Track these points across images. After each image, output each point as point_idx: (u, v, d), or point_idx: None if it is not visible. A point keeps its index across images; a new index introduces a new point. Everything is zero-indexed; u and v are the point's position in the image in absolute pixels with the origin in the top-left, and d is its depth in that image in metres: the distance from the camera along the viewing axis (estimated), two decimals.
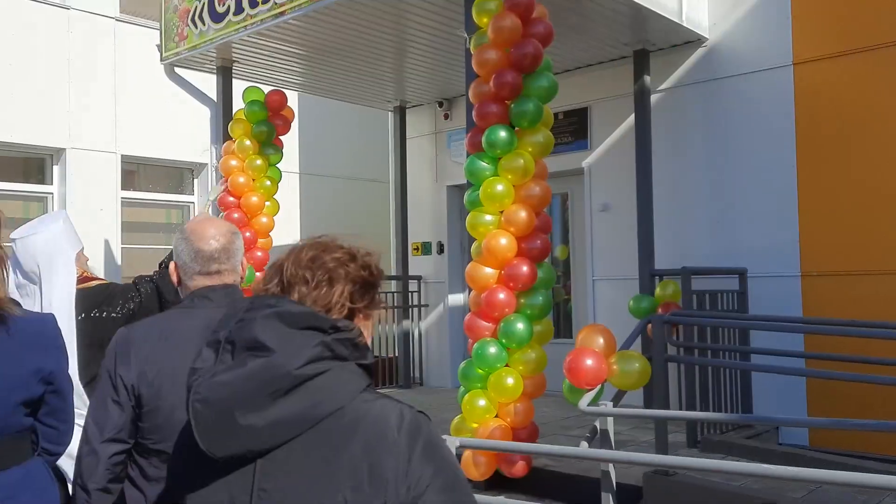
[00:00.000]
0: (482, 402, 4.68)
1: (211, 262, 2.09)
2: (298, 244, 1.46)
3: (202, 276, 2.09)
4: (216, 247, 2.10)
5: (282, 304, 1.35)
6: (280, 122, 6.88)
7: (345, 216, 11.65)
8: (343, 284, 1.38)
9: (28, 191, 9.37)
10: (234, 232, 2.18)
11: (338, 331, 1.33)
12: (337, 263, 1.39)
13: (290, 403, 1.28)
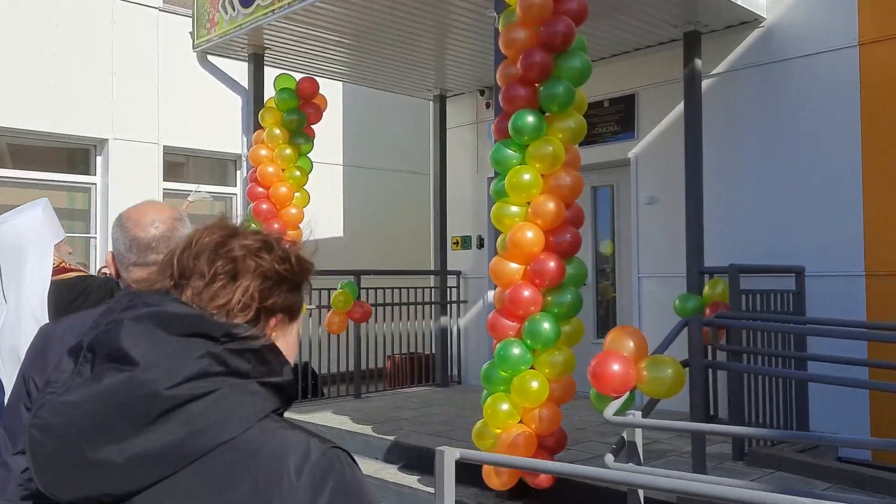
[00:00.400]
0: (505, 406, 4.38)
1: (148, 251, 1.85)
2: (202, 226, 1.16)
3: (139, 268, 1.85)
4: (154, 234, 1.86)
5: (164, 302, 1.06)
6: (311, 110, 6.68)
7: (387, 209, 11.46)
8: (250, 279, 1.07)
9: (73, 181, 9.44)
10: (176, 218, 1.94)
11: (234, 339, 1.03)
12: (246, 253, 1.09)
13: (159, 433, 0.98)
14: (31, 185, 9.16)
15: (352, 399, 7.53)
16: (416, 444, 5.58)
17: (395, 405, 7.18)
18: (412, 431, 5.99)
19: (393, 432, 5.93)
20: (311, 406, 7.10)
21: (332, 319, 7.10)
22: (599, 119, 7.54)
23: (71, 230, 9.47)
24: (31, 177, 9.15)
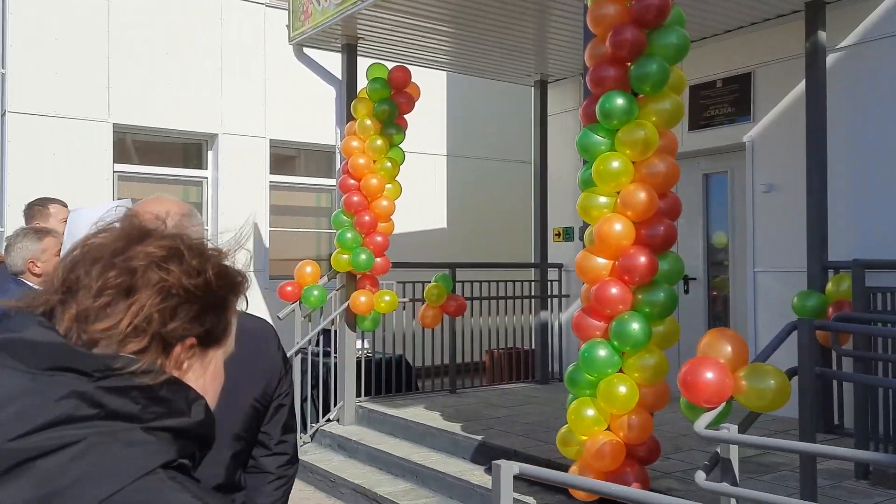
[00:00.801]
0: (591, 412, 4.07)
1: None
2: (105, 226, 0.95)
3: None
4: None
5: (25, 327, 0.86)
6: (403, 99, 6.55)
7: (490, 199, 11.24)
8: (148, 297, 0.87)
9: (186, 175, 9.79)
10: (185, 214, 1.80)
11: (111, 374, 0.83)
12: (148, 262, 0.88)
13: (6, 494, 0.80)
14: (151, 179, 9.57)
15: (447, 394, 7.38)
16: (504, 445, 5.34)
17: (489, 402, 6.97)
18: (502, 431, 5.76)
19: (482, 432, 5.73)
20: (404, 400, 7.01)
21: (426, 313, 6.97)
22: (712, 101, 6.99)
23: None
24: (151, 172, 9.57)
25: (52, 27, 8.45)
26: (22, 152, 8.30)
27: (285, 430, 1.88)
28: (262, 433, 1.85)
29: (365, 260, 6.34)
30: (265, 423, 1.85)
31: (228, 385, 1.76)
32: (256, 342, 1.81)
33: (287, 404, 1.88)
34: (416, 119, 10.54)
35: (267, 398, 1.81)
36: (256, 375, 1.78)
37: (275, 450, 1.87)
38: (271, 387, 1.81)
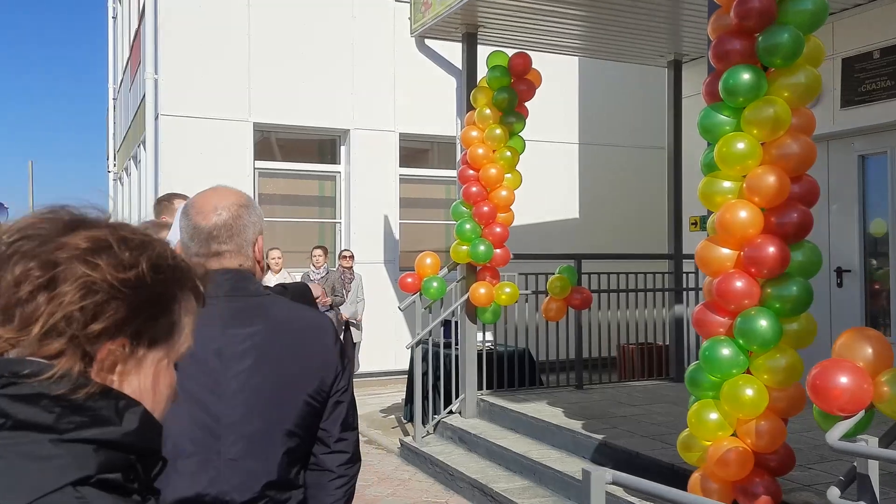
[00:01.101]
0: (713, 415, 3.75)
1: (210, 241, 1.70)
2: (33, 213, 0.85)
3: (201, 259, 1.71)
4: (216, 222, 1.70)
5: None
6: (524, 87, 6.38)
7: (624, 188, 10.81)
8: (68, 293, 0.77)
9: (320, 171, 10.12)
10: (242, 205, 1.75)
11: (18, 380, 0.75)
12: (72, 254, 0.79)
13: None
14: (289, 175, 9.98)
15: (572, 390, 7.15)
16: (627, 446, 5.08)
17: (616, 400, 6.68)
18: (626, 431, 5.48)
19: (605, 431, 5.48)
20: (527, 395, 6.86)
21: (549, 306, 6.77)
22: (868, 74, 6.31)
23: (321, 216, 10.19)
24: (288, 167, 9.97)
25: (198, 34, 8.97)
26: (173, 152, 8.88)
27: (344, 428, 1.81)
28: (322, 430, 1.79)
29: (484, 251, 6.24)
30: (324, 419, 1.78)
31: (278, 380, 1.71)
32: (310, 336, 1.75)
33: (345, 401, 1.80)
34: (546, 107, 10.33)
35: (323, 394, 1.74)
36: (310, 370, 1.72)
37: (334, 447, 1.80)
38: (327, 382, 1.74)
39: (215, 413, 1.62)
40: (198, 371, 1.62)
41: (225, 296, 1.68)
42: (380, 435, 7.42)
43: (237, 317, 1.67)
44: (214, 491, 1.61)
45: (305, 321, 1.78)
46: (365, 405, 8.82)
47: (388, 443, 7.07)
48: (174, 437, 1.60)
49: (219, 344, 1.64)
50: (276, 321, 1.71)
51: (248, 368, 1.65)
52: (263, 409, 1.65)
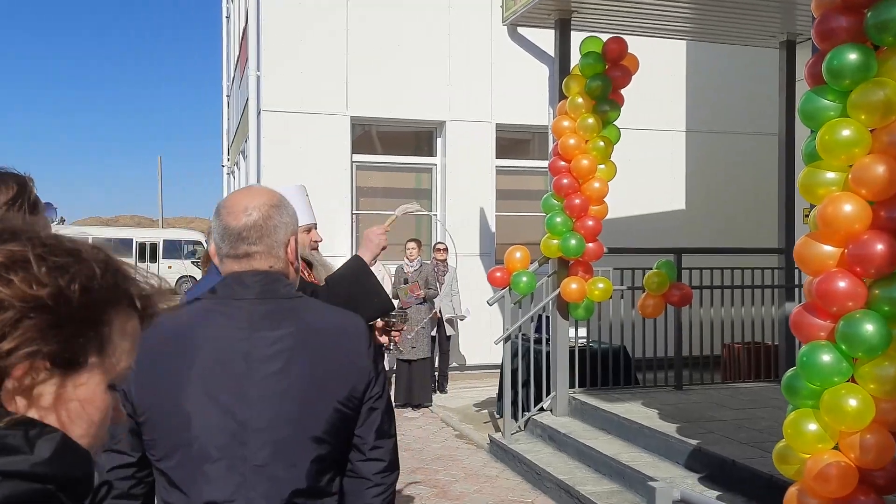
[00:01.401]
0: (812, 426, 3.45)
1: (239, 241, 1.67)
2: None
3: (231, 260, 1.69)
4: (246, 223, 1.67)
5: None
6: (619, 73, 6.11)
7: (733, 177, 10.26)
8: None
9: (417, 163, 10.14)
10: (274, 205, 1.71)
11: None
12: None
13: None
14: (386, 167, 10.06)
15: (671, 390, 6.84)
16: (721, 453, 4.79)
17: (717, 402, 6.33)
18: (723, 437, 5.17)
19: (701, 436, 5.19)
20: (622, 394, 6.61)
21: (646, 302, 6.49)
22: None
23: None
24: (385, 161, 10.05)
25: (298, 30, 9.17)
26: (274, 146, 9.13)
27: (380, 436, 1.74)
28: (356, 437, 1.73)
29: (575, 245, 6.05)
30: (358, 426, 1.72)
31: (307, 385, 1.66)
32: (342, 340, 1.69)
33: (380, 408, 1.73)
34: (651, 94, 9.94)
35: (355, 401, 1.68)
36: (341, 376, 1.66)
37: (369, 455, 1.74)
38: (359, 389, 1.68)
39: (241, 418, 1.59)
40: (224, 375, 1.59)
41: (254, 298, 1.65)
42: (471, 430, 7.36)
43: (266, 319, 1.63)
44: (241, 497, 1.58)
45: (338, 325, 1.72)
46: (459, 398, 8.81)
47: (478, 438, 7.00)
48: (200, 441, 1.57)
49: (246, 347, 1.61)
50: (306, 324, 1.66)
51: (276, 373, 1.60)
52: (291, 416, 1.60)
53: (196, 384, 1.58)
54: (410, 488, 5.62)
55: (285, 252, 1.72)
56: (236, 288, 1.66)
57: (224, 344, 1.61)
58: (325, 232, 9.83)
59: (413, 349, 8.14)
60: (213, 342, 1.60)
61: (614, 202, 9.63)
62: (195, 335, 1.61)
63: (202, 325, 1.62)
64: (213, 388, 1.59)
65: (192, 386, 1.58)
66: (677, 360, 6.90)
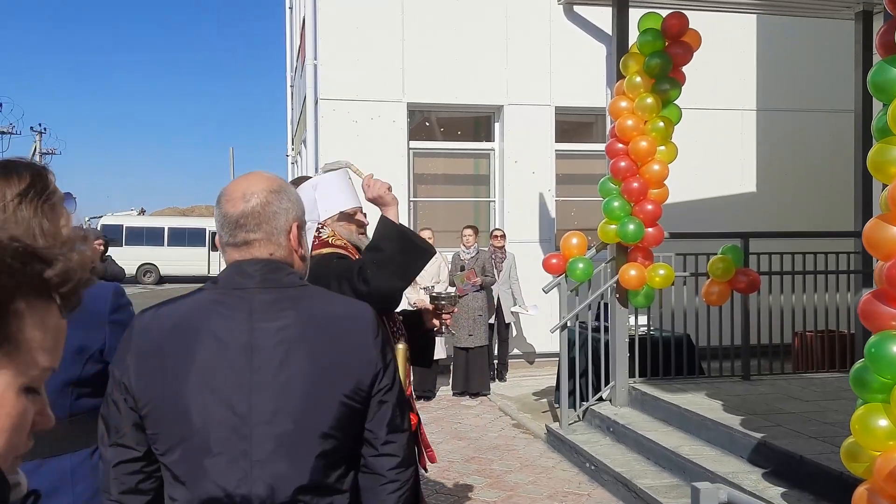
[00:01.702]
0: (883, 422, 3.20)
1: (238, 229, 1.61)
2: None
3: (232, 249, 1.64)
4: (244, 209, 1.61)
5: None
6: (679, 50, 5.84)
7: (808, 157, 9.77)
8: None
9: (474, 149, 10.02)
10: (274, 190, 1.64)
11: None
12: None
13: None
14: (443, 154, 9.97)
15: (737, 381, 6.55)
16: (788, 448, 4.54)
17: (787, 394, 6.03)
18: (791, 431, 4.90)
19: (767, 429, 4.94)
20: (685, 384, 6.36)
21: (710, 289, 6.23)
22: None
23: (476, 195, 10.11)
24: (442, 147, 9.96)
25: (354, 18, 9.14)
26: (331, 135, 9.15)
27: (392, 430, 1.66)
28: (367, 431, 1.65)
29: (633, 230, 5.83)
30: (368, 420, 1.64)
31: (311, 378, 1.57)
32: (347, 330, 1.61)
33: (390, 401, 1.65)
34: (719, 72, 9.54)
35: (362, 394, 1.60)
36: (347, 368, 1.58)
37: (381, 450, 1.66)
38: (365, 382, 1.60)
39: (242, 412, 1.53)
40: (225, 367, 1.54)
41: (255, 287, 1.58)
42: (529, 419, 7.24)
43: (267, 309, 1.57)
44: (242, 492, 1.52)
45: (343, 314, 1.64)
46: (519, 387, 8.69)
47: (535, 428, 6.88)
48: (201, 435, 1.52)
49: (247, 338, 1.55)
50: (309, 314, 1.59)
51: (277, 364, 1.54)
52: (294, 409, 1.54)
53: (197, 377, 1.53)
54: (464, 478, 5.55)
55: (287, 239, 1.65)
56: (237, 277, 1.60)
57: (225, 335, 1.55)
58: None
59: (470, 336, 8.06)
60: (214, 333, 1.55)
61: (679, 185, 9.30)
62: (197, 326, 1.56)
63: (203, 316, 1.57)
64: (213, 380, 1.53)
65: (192, 378, 1.53)
66: (744, 348, 6.61)
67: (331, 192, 2.85)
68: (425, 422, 7.14)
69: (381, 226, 2.64)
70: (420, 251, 2.65)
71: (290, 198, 1.67)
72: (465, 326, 8.07)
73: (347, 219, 2.82)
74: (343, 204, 2.85)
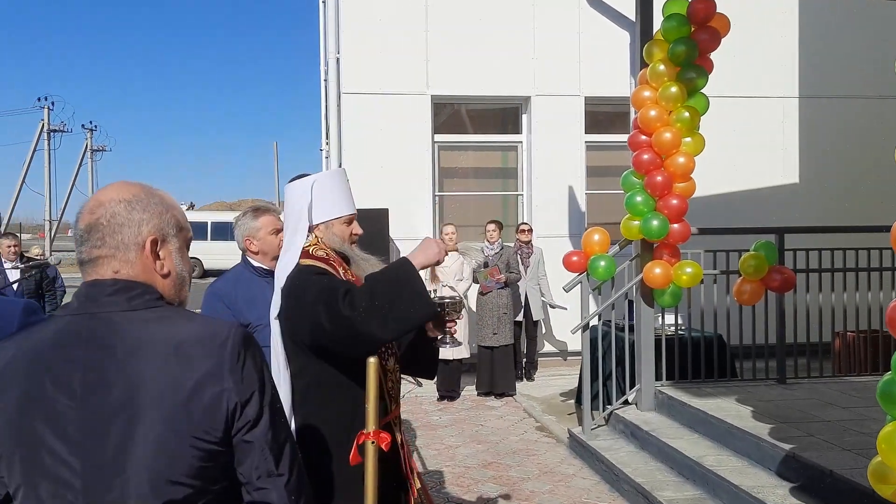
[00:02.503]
0: None
1: (82, 243, 1.45)
2: None
3: (81, 266, 1.47)
4: (88, 222, 1.43)
5: None
6: (706, 36, 5.51)
7: (854, 147, 9.27)
8: None
9: (501, 141, 9.77)
10: (125, 200, 1.45)
11: None
12: None
13: None
14: (468, 147, 9.74)
15: (772, 384, 6.20)
16: (819, 462, 4.22)
17: (825, 400, 5.67)
18: (824, 441, 4.58)
19: (798, 440, 4.62)
20: (715, 388, 6.04)
21: (742, 288, 5.89)
22: None
23: (504, 188, 9.86)
24: (467, 140, 9.73)
25: (377, 11, 8.96)
26: (355, 129, 9.00)
27: (262, 474, 1.43)
28: (240, 474, 1.44)
29: (657, 226, 5.53)
30: (236, 462, 1.43)
31: (147, 418, 1.31)
32: (193, 358, 1.37)
33: (256, 441, 1.41)
34: (759, 58, 9.12)
35: (215, 433, 1.36)
36: (191, 404, 1.34)
37: (255, 497, 1.45)
38: (219, 420, 1.36)
39: (73, 461, 1.33)
40: (54, 407, 1.34)
41: (98, 311, 1.38)
42: (553, 422, 7.00)
43: (106, 340, 1.36)
44: None
45: (193, 338, 1.39)
46: (547, 387, 8.45)
47: (559, 431, 6.64)
48: (31, 484, 1.34)
49: (81, 375, 1.34)
50: (152, 342, 1.36)
51: (115, 405, 1.33)
52: (135, 457, 1.32)
53: (35, 416, 1.35)
54: (479, 485, 5.35)
55: (139, 255, 1.45)
56: (81, 301, 1.42)
57: (66, 368, 1.35)
58: (407, 214, 9.65)
59: (494, 335, 7.84)
60: (56, 366, 1.36)
61: (713, 178, 8.94)
62: (39, 358, 1.38)
63: (47, 346, 1.39)
64: (53, 420, 1.34)
65: (31, 417, 1.35)
66: (780, 350, 6.25)
67: (326, 195, 2.61)
68: (446, 423, 7.01)
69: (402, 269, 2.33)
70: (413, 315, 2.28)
71: (146, 208, 1.46)
72: (489, 325, 7.85)
73: (342, 225, 2.60)
74: (339, 210, 2.62)
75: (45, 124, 37.40)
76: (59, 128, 38.43)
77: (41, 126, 37.32)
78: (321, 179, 2.63)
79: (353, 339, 2.18)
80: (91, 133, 42.89)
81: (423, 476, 5.57)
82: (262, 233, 3.32)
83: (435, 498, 5.10)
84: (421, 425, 7.02)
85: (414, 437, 6.62)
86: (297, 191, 2.61)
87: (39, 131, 37.36)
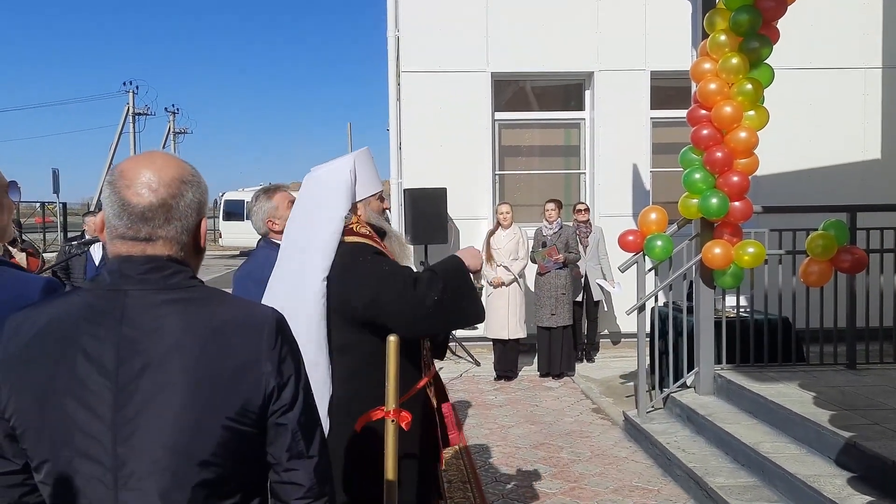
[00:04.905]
0: None
1: (142, 222, 1.40)
2: None
3: (125, 242, 1.41)
4: (151, 201, 1.40)
5: None
6: (771, 3, 5.23)
7: None
8: None
9: (562, 119, 9.60)
10: (184, 181, 1.44)
11: None
12: None
13: None
14: (529, 124, 9.59)
15: (840, 370, 5.92)
16: (881, 451, 4.00)
17: (895, 386, 5.38)
18: (889, 431, 4.34)
19: (861, 428, 4.40)
20: (778, 372, 5.81)
21: (810, 269, 5.61)
22: None
23: (566, 167, 9.69)
24: (528, 117, 9.59)
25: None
26: (415, 107, 8.99)
27: (293, 456, 1.44)
28: (270, 455, 1.45)
29: (716, 204, 5.32)
30: (268, 444, 1.44)
31: (186, 397, 1.32)
32: (234, 341, 1.37)
33: (289, 423, 1.42)
34: (839, 27, 8.65)
35: (252, 416, 1.37)
36: (231, 385, 1.36)
37: (284, 478, 1.45)
38: (255, 402, 1.37)
39: (105, 437, 1.32)
40: (87, 383, 1.34)
41: (132, 288, 1.37)
42: (610, 404, 6.88)
43: (142, 316, 1.36)
44: None
45: (234, 320, 1.40)
46: (607, 369, 8.31)
47: (614, 413, 6.52)
48: (63, 460, 1.35)
49: (114, 351, 1.34)
50: (191, 321, 1.37)
51: (148, 381, 1.33)
52: (165, 434, 1.33)
53: (58, 393, 1.35)
54: (528, 465, 5.32)
55: (194, 236, 1.46)
56: (114, 276, 1.41)
57: (91, 346, 1.35)
58: (466, 194, 9.60)
59: (552, 316, 7.74)
60: (79, 343, 1.36)
61: (784, 154, 8.55)
62: (63, 334, 1.38)
63: (71, 321, 1.38)
64: (75, 398, 1.34)
65: (53, 395, 1.35)
66: (850, 333, 5.95)
67: (366, 172, 2.68)
68: (501, 403, 6.98)
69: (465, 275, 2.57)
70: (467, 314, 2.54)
71: (198, 188, 1.47)
72: (547, 305, 7.75)
73: (377, 201, 2.71)
74: (375, 186, 2.72)
75: (131, 108, 38.83)
76: (144, 111, 39.83)
77: (126, 109, 38.78)
78: (361, 158, 2.68)
79: (420, 323, 2.42)
80: (174, 116, 44.31)
81: (471, 452, 5.58)
82: (280, 210, 3.37)
83: (482, 477, 5.09)
84: (476, 404, 7.01)
85: (467, 416, 6.63)
86: (336, 175, 2.63)
87: (125, 114, 38.84)
